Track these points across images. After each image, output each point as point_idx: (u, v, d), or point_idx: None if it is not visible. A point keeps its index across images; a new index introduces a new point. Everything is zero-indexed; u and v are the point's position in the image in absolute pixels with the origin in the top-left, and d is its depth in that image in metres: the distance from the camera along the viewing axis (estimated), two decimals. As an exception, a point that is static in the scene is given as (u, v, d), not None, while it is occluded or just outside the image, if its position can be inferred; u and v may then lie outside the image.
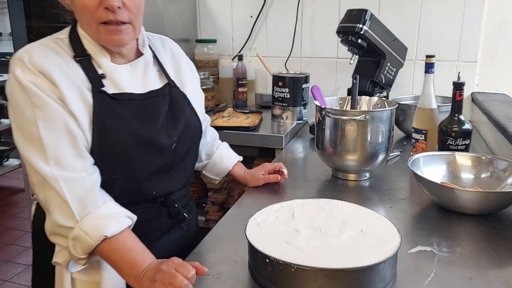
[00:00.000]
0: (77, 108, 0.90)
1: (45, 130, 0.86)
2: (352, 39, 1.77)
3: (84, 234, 0.85)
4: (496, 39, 1.99)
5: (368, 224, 0.91)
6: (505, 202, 1.07)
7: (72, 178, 0.86)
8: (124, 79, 0.99)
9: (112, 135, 0.93)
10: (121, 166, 0.95)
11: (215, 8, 2.33)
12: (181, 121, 1.06)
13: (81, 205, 0.86)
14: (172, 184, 1.07)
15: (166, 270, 0.78)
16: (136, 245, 0.88)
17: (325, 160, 1.38)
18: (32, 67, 0.88)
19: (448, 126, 1.32)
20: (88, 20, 0.92)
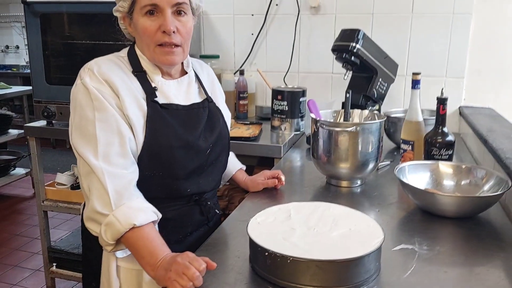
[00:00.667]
0: (133, 113, 1.07)
1: (100, 129, 1.03)
2: (346, 56, 1.89)
3: (116, 221, 0.97)
4: (482, 56, 2.12)
5: (356, 224, 1.02)
6: (482, 206, 1.19)
7: (115, 172, 1.01)
8: (171, 92, 1.18)
9: (160, 137, 1.10)
10: (165, 164, 1.12)
11: (218, 26, 2.47)
12: (216, 130, 1.25)
13: (118, 196, 1.00)
14: (203, 185, 1.23)
15: (181, 262, 0.89)
16: (157, 238, 1.00)
17: (319, 168, 1.49)
18: (99, 76, 1.06)
19: (433, 138, 1.44)
20: (148, 41, 1.11)
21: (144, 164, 1.09)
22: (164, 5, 1.08)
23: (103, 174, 1.00)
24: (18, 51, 6.04)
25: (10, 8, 5.82)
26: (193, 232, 1.24)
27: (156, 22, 1.09)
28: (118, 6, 1.14)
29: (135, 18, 1.11)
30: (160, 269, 0.93)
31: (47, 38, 2.17)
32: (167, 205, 1.14)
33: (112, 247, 1.02)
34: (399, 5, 2.16)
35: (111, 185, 1.00)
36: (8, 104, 5.63)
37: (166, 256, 0.95)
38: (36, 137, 2.26)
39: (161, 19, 1.09)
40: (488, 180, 1.27)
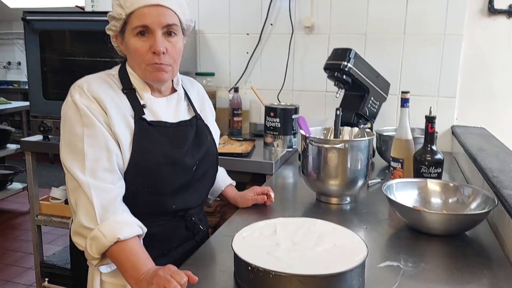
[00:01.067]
0: (121, 131, 1.09)
1: (88, 145, 1.05)
2: (337, 75, 1.92)
3: (101, 235, 0.99)
4: (474, 77, 2.15)
5: (341, 240, 1.02)
6: (468, 224, 1.19)
7: (101, 187, 1.02)
8: (160, 109, 1.20)
9: (147, 154, 1.12)
10: (151, 181, 1.14)
11: (214, 45, 2.51)
12: (203, 147, 1.26)
13: (104, 210, 1.01)
14: (189, 201, 1.24)
15: (162, 275, 0.89)
16: (141, 251, 1.01)
17: (309, 184, 1.50)
18: (89, 93, 1.09)
19: (422, 156, 1.45)
20: (138, 61, 1.14)
21: (130, 180, 1.11)
22: (154, 27, 1.11)
23: (90, 189, 1.01)
24: (20, 67, 6.10)
25: (13, 25, 5.90)
26: (178, 246, 1.24)
27: (147, 43, 1.12)
28: (110, 25, 1.16)
29: (126, 37, 1.14)
30: (143, 283, 0.93)
31: (46, 54, 2.20)
32: (152, 221, 1.15)
33: (97, 261, 1.02)
34: (391, 26, 2.20)
35: (97, 200, 1.01)
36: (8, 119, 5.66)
37: (149, 270, 0.95)
38: (32, 152, 2.28)
39: (151, 40, 1.11)
40: (475, 198, 1.27)
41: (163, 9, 1.11)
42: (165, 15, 1.11)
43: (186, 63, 2.38)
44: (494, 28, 2.09)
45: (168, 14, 1.12)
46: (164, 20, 1.11)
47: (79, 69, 2.20)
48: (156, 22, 1.10)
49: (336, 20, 2.28)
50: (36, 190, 2.32)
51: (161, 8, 1.11)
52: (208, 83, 2.38)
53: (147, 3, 1.10)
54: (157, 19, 1.10)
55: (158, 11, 1.10)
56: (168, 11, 1.12)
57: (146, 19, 1.10)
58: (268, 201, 1.42)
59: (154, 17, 1.10)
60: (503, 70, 2.11)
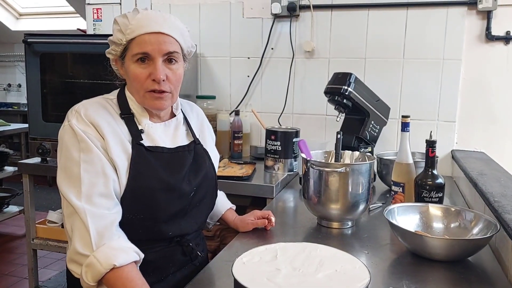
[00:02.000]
0: (118, 156, 1.08)
1: (85, 170, 1.03)
2: (338, 99, 1.93)
3: (96, 262, 0.96)
4: (473, 101, 2.16)
5: (342, 265, 1.00)
6: (471, 249, 1.17)
7: (97, 213, 1.01)
8: (158, 135, 1.19)
9: (143, 180, 1.10)
10: (147, 207, 1.12)
11: (215, 68, 2.53)
12: (201, 172, 1.24)
13: (99, 236, 0.99)
14: (185, 227, 1.22)
15: None
16: (137, 278, 0.99)
17: (310, 208, 1.49)
18: (86, 118, 1.08)
19: (423, 180, 1.45)
20: (138, 88, 1.14)
21: (126, 206, 1.09)
22: (155, 54, 1.10)
23: (85, 215, 1.00)
24: (20, 90, 6.13)
25: (15, 48, 5.97)
26: (176, 272, 1.22)
27: (147, 70, 1.11)
28: (110, 49, 1.16)
29: (126, 63, 1.14)
30: None
31: (46, 77, 2.22)
32: (148, 247, 1.12)
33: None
34: (391, 51, 2.22)
35: (93, 226, 0.99)
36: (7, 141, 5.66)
37: None
38: (30, 174, 2.26)
39: (151, 67, 1.11)
40: (477, 223, 1.26)
41: (164, 37, 1.11)
42: (166, 42, 1.11)
43: (187, 86, 2.40)
44: (492, 54, 2.11)
45: (169, 42, 1.12)
46: (165, 48, 1.11)
47: (79, 92, 2.21)
48: (156, 50, 1.10)
49: (336, 45, 2.31)
50: (33, 213, 2.30)
51: (162, 36, 1.10)
52: (209, 106, 2.39)
53: (148, 31, 1.09)
54: (158, 47, 1.10)
55: (159, 39, 1.10)
56: (169, 38, 1.12)
57: (146, 46, 1.09)
58: (268, 225, 1.40)
59: (155, 45, 1.10)
60: (502, 95, 2.12)
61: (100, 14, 2.65)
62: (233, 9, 2.46)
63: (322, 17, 2.31)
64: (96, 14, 2.65)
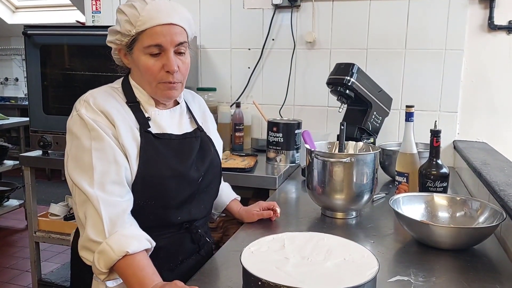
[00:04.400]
0: (128, 143, 1.09)
1: (97, 158, 1.04)
2: (340, 89, 1.93)
3: (109, 249, 0.97)
4: (474, 92, 2.16)
5: (350, 254, 1.01)
6: (477, 237, 1.18)
7: (109, 200, 1.01)
8: (165, 122, 1.20)
9: (153, 167, 1.11)
10: (157, 194, 1.13)
11: (215, 60, 2.52)
12: (208, 158, 1.26)
13: (112, 224, 1.00)
14: (194, 213, 1.23)
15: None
16: (148, 266, 0.99)
17: (314, 199, 1.49)
18: (95, 107, 1.08)
19: (427, 170, 1.45)
20: (150, 79, 1.14)
21: (137, 193, 1.10)
22: (167, 46, 1.11)
23: (98, 202, 1.00)
24: (17, 84, 6.10)
25: (12, 41, 5.93)
26: (184, 260, 1.22)
27: (159, 62, 1.12)
28: (114, 38, 1.15)
29: (136, 54, 1.13)
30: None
31: (46, 69, 2.20)
32: (158, 234, 1.13)
33: (105, 276, 1.00)
34: (393, 41, 2.21)
35: (106, 213, 0.99)
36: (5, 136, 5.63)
37: (156, 286, 0.93)
38: (31, 167, 2.26)
39: (164, 59, 1.12)
40: (483, 212, 1.26)
41: (175, 28, 1.12)
42: (177, 33, 1.12)
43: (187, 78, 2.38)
44: (495, 44, 2.10)
45: (179, 33, 1.13)
46: (176, 39, 1.12)
47: (79, 84, 2.19)
48: (169, 41, 1.11)
49: (337, 35, 2.30)
50: (34, 206, 2.29)
51: (173, 27, 1.11)
52: (210, 98, 2.37)
53: (159, 22, 1.09)
54: (170, 38, 1.11)
55: (170, 30, 1.11)
56: (180, 29, 1.13)
57: (159, 38, 1.10)
58: (274, 216, 1.40)
59: (167, 36, 1.10)
60: (504, 85, 2.12)
61: (99, 6, 2.63)
62: (233, 0, 2.44)
63: (323, 7, 2.30)
64: (95, 5, 2.63)
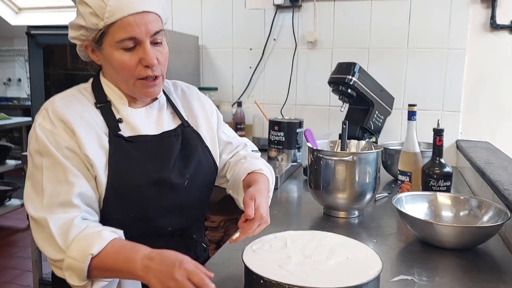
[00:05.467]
0: (94, 152, 0.98)
1: (47, 179, 0.95)
2: (342, 88, 1.92)
3: (73, 261, 0.88)
4: (477, 91, 2.15)
5: (353, 253, 1.00)
6: (481, 237, 1.17)
7: (56, 217, 0.92)
8: (139, 122, 1.08)
9: (126, 176, 1.00)
10: (135, 205, 1.02)
11: (217, 60, 2.51)
12: (193, 159, 1.12)
13: (64, 235, 0.90)
14: (187, 220, 1.13)
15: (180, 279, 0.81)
16: (125, 245, 0.91)
17: (317, 198, 1.48)
18: (53, 116, 0.98)
19: (430, 169, 1.44)
20: (126, 76, 1.02)
21: (112, 207, 1.00)
22: (143, 37, 0.99)
23: (46, 221, 0.91)
24: (20, 84, 6.11)
25: (15, 42, 5.94)
26: None
27: (135, 56, 1.00)
28: (78, 34, 1.03)
29: (106, 50, 1.01)
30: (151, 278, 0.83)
31: (49, 69, 2.21)
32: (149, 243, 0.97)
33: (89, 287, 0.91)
34: (395, 41, 2.21)
35: (55, 227, 0.91)
36: (7, 136, 5.64)
37: (143, 257, 0.86)
38: (33, 167, 2.25)
39: (140, 52, 1.00)
40: (487, 211, 1.25)
41: (149, 15, 0.99)
42: (152, 22, 1.00)
43: (188, 78, 2.38)
44: (497, 43, 2.09)
45: (154, 20, 1.01)
46: (151, 29, 1.00)
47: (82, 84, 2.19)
48: (144, 32, 0.99)
49: (339, 35, 2.29)
50: (36, 205, 2.28)
51: (146, 15, 0.99)
52: (211, 98, 2.33)
53: (131, 12, 0.97)
54: (145, 28, 0.99)
55: (144, 19, 0.98)
56: (153, 16, 1.01)
57: (132, 30, 0.97)
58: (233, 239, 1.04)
59: (142, 26, 0.98)
60: (507, 84, 2.11)
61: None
62: (235, 0, 2.44)
63: (324, 7, 2.29)
64: (97, 5, 2.63)
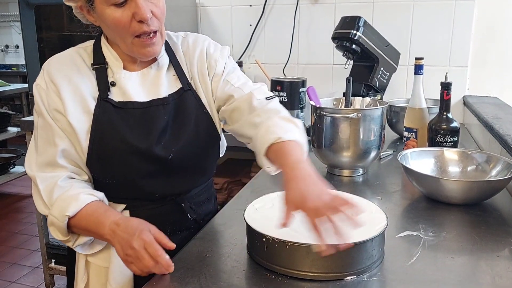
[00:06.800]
0: (77, 119, 0.98)
1: (40, 137, 1.00)
2: (346, 44, 1.85)
3: (54, 219, 0.96)
4: (486, 45, 2.07)
5: (358, 209, 0.97)
6: (488, 191, 1.14)
7: (45, 176, 0.99)
8: (131, 87, 1.03)
9: (108, 142, 0.99)
10: (117, 170, 1.02)
11: (215, 18, 2.43)
12: (184, 132, 1.05)
13: (49, 194, 0.97)
14: (176, 187, 1.08)
15: (137, 248, 0.87)
16: (98, 209, 0.96)
17: (320, 157, 1.45)
18: (47, 77, 1.00)
19: (437, 124, 1.40)
20: (122, 34, 0.97)
21: (95, 171, 1.02)
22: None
23: (35, 179, 0.98)
24: (18, 51, 6.00)
25: (10, 7, 5.80)
26: (177, 232, 1.09)
27: (128, 11, 0.94)
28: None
29: (99, 8, 0.95)
30: (116, 242, 0.91)
31: (43, 31, 2.14)
32: (139, 205, 1.05)
33: (72, 242, 1.00)
34: (400, -7, 2.11)
35: (42, 186, 0.98)
36: (9, 104, 5.61)
37: (112, 222, 0.92)
38: (33, 132, 2.22)
39: (132, 6, 0.93)
40: (495, 166, 1.22)
41: None
42: None
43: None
44: (508, -7, 2.00)
45: None
46: None
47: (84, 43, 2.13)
48: None
49: (342, -12, 2.19)
50: (38, 171, 2.28)
51: None
52: None
53: None
54: None
55: None
56: None
57: None
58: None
59: None
60: (517, 36, 2.03)
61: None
62: (233, -46, 2.33)
63: (327, -41, 2.19)
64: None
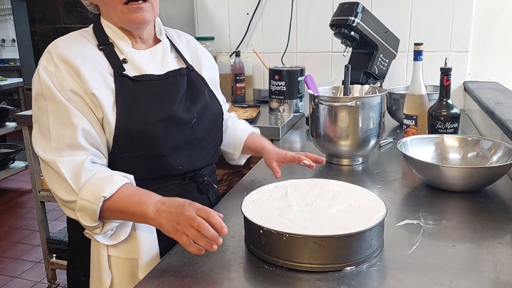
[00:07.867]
0: (101, 92, 0.98)
1: (52, 122, 0.95)
2: (344, 31, 1.82)
3: (86, 202, 0.91)
4: (486, 29, 2.04)
5: (356, 199, 0.96)
6: (489, 177, 1.12)
7: (66, 160, 0.94)
8: (143, 62, 1.08)
9: (134, 114, 1.01)
10: (144, 142, 1.02)
11: (212, 7, 2.39)
12: (200, 99, 1.13)
13: (76, 178, 0.93)
14: (196, 161, 1.13)
15: (188, 214, 0.84)
16: (137, 190, 0.95)
17: (319, 146, 1.43)
18: (57, 58, 0.97)
19: (437, 111, 1.37)
20: (113, 3, 1.00)
21: (122, 145, 1.01)
22: None
23: (56, 164, 0.93)
24: (15, 45, 5.95)
25: (5, 0, 5.75)
26: None
27: None
28: None
29: None
30: (163, 218, 0.87)
31: (36, 24, 2.11)
32: (161, 185, 1.06)
33: (100, 229, 0.95)
34: (399, -22, 2.08)
35: (66, 171, 0.93)
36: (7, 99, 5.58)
37: (156, 202, 0.89)
38: (29, 126, 2.21)
39: None
40: (496, 152, 1.20)
41: None
42: None
43: (183, 28, 2.26)
44: (509, -24, 1.97)
45: None
46: None
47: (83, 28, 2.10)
48: None
49: (340, -25, 2.15)
50: (36, 165, 2.26)
51: None
52: (208, 48, 2.22)
53: None
54: None
55: None
56: None
57: None
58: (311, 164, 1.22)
59: None
60: (518, 20, 2.00)
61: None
62: None
63: None
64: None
